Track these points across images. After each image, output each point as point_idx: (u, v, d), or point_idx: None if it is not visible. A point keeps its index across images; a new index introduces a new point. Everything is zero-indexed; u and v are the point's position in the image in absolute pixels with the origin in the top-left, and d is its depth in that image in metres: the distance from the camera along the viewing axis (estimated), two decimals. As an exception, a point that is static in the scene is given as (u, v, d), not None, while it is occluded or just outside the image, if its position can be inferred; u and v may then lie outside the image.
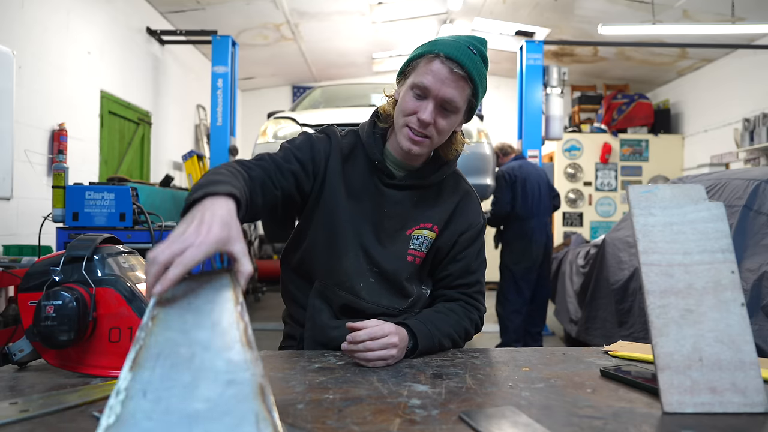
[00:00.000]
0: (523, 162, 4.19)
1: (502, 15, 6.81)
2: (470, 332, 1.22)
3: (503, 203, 3.99)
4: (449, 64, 1.08)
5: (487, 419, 0.70)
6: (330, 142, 1.23)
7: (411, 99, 1.12)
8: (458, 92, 1.10)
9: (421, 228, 1.21)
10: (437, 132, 1.13)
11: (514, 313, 4.01)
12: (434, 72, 1.09)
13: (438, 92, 1.09)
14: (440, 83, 1.09)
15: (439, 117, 1.11)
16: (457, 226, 1.23)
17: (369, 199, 1.21)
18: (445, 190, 1.25)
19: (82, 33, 4.57)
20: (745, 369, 0.76)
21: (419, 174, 1.22)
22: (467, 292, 1.24)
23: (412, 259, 1.21)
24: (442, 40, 1.12)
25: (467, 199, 1.26)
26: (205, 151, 6.99)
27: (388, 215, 1.21)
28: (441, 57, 1.09)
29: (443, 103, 1.10)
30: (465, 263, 1.24)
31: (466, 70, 1.09)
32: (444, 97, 1.09)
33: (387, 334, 1.01)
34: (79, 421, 0.71)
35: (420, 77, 1.10)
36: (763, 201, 2.60)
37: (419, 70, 1.11)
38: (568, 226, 7.66)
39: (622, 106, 8.00)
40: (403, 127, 1.14)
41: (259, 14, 6.39)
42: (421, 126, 1.11)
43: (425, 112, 1.10)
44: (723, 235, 0.81)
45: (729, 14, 5.44)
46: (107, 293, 0.94)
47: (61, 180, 2.66)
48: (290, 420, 0.71)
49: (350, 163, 1.22)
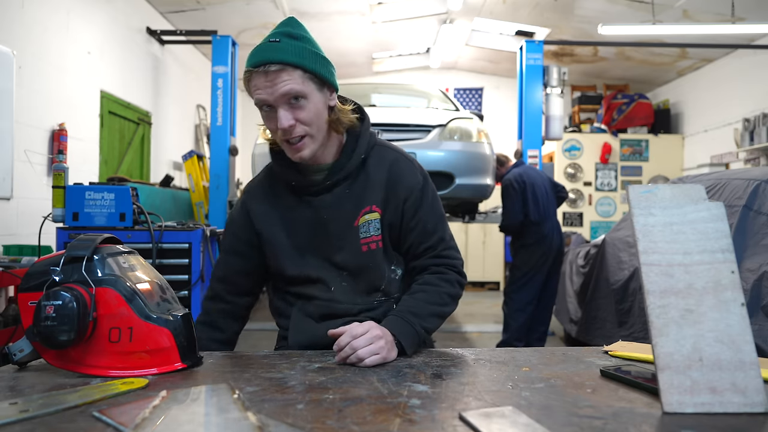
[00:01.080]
0: (524, 167, 4.18)
1: (502, 15, 6.80)
2: (454, 293, 1.22)
3: (515, 213, 3.94)
4: (261, 70, 1.09)
5: (487, 419, 0.70)
6: (245, 203, 1.30)
7: (266, 117, 1.15)
8: (290, 83, 1.09)
9: (363, 214, 1.22)
10: (306, 124, 1.13)
11: (518, 311, 4.00)
12: (257, 86, 1.10)
13: (273, 97, 1.10)
14: (269, 90, 1.09)
15: (297, 111, 1.11)
16: (397, 197, 1.23)
17: (306, 216, 1.24)
18: (372, 167, 1.24)
19: (82, 33, 4.57)
20: (745, 369, 0.76)
21: (338, 166, 1.22)
22: (435, 254, 1.24)
23: (367, 249, 1.22)
24: (252, 52, 1.12)
25: (396, 167, 1.25)
26: (205, 151, 6.99)
27: (329, 220, 1.22)
28: (251, 71, 1.10)
29: (287, 99, 1.10)
30: (420, 228, 1.24)
31: (278, 61, 1.08)
32: (280, 96, 1.09)
33: (368, 329, 1.04)
34: (79, 421, 0.71)
35: (254, 96, 1.12)
36: (763, 201, 2.60)
37: (251, 90, 1.13)
38: (568, 226, 7.66)
39: (622, 106, 7.99)
40: (282, 142, 1.16)
41: (259, 14, 6.39)
42: (288, 134, 1.12)
43: (281, 120, 1.10)
44: (723, 235, 0.81)
45: (729, 14, 5.43)
46: (107, 293, 0.94)
47: (61, 180, 2.66)
48: (290, 420, 0.71)
49: (273, 197, 1.27)
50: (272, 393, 0.83)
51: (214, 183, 5.08)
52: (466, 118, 4.11)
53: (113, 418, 0.70)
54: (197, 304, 2.72)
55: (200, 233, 2.76)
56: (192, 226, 2.81)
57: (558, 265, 4.09)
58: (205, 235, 2.80)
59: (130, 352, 0.94)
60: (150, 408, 0.74)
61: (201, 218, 4.92)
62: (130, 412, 0.73)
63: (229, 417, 0.72)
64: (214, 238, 2.94)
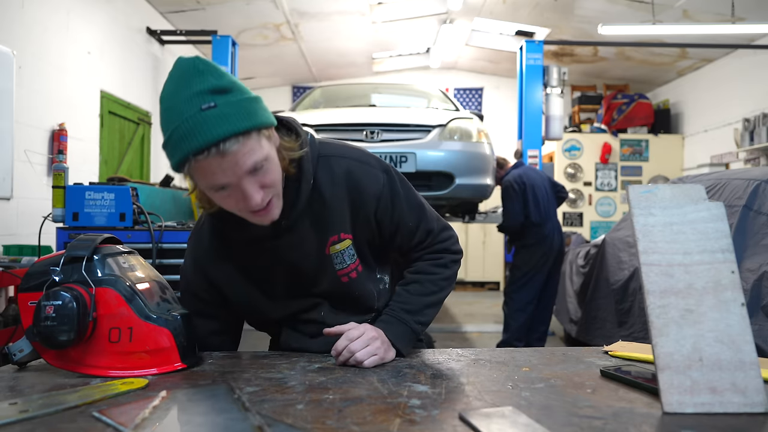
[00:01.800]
0: (524, 168, 4.19)
1: (502, 15, 6.81)
2: (449, 274, 1.19)
3: (516, 214, 3.95)
4: (215, 153, 0.86)
5: (487, 419, 0.70)
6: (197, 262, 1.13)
7: (224, 198, 0.94)
8: (251, 155, 0.90)
9: (331, 244, 1.12)
10: (272, 187, 0.96)
11: (518, 311, 4.00)
12: (211, 170, 0.89)
13: (236, 176, 0.90)
14: (230, 171, 0.89)
15: (262, 178, 0.93)
16: (366, 210, 1.11)
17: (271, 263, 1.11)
18: (325, 188, 1.09)
19: (82, 33, 4.57)
20: (745, 369, 0.76)
21: (290, 205, 1.05)
22: (426, 245, 1.19)
23: (347, 279, 1.14)
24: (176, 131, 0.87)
25: (353, 178, 1.10)
26: (205, 151, 6.99)
27: (297, 259, 1.11)
28: (200, 155, 0.87)
29: (251, 174, 0.92)
30: (402, 229, 1.16)
31: (230, 135, 0.87)
32: (245, 172, 0.90)
33: (364, 331, 1.03)
34: (79, 421, 0.71)
35: (205, 181, 0.92)
36: (763, 201, 2.60)
37: (197, 177, 0.92)
38: (568, 226, 7.66)
39: (622, 106, 7.99)
40: (246, 215, 0.98)
41: (259, 14, 6.39)
42: (256, 207, 0.94)
43: (253, 198, 0.93)
44: (723, 235, 0.81)
45: (729, 14, 5.43)
46: (107, 293, 0.94)
47: (61, 180, 2.66)
48: (290, 420, 0.71)
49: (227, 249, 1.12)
50: (272, 393, 0.83)
51: (214, 183, 5.08)
52: (466, 118, 4.11)
53: (113, 418, 0.70)
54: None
55: (200, 233, 2.75)
56: (192, 226, 2.80)
57: (558, 265, 4.09)
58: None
59: (130, 352, 0.94)
60: (150, 408, 0.74)
61: (201, 218, 4.91)
62: (130, 412, 0.73)
63: (229, 417, 0.72)
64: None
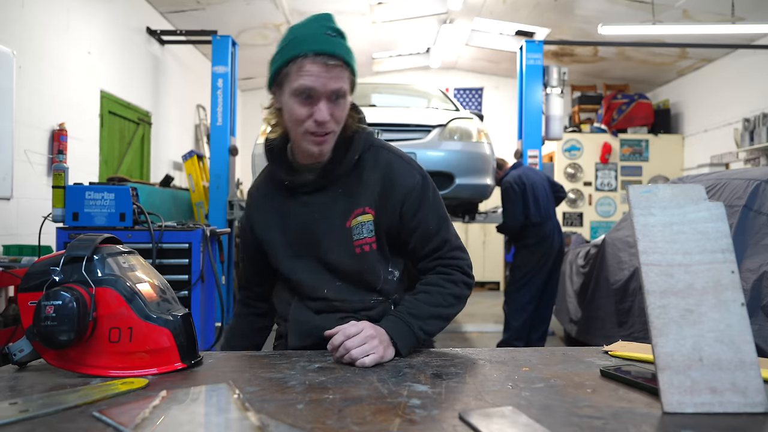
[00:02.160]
0: (523, 169, 4.19)
1: (502, 15, 6.81)
2: (459, 293, 1.19)
3: (516, 215, 3.95)
4: (321, 59, 1.08)
5: (487, 419, 0.70)
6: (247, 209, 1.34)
7: (299, 105, 1.11)
8: (341, 80, 1.10)
9: (355, 216, 1.20)
10: (336, 123, 1.14)
11: (518, 311, 4.01)
12: (310, 72, 1.08)
13: (324, 89, 1.09)
14: (323, 80, 1.08)
15: (334, 108, 1.12)
16: (394, 199, 1.20)
17: (299, 215, 1.23)
18: (366, 169, 1.22)
19: (82, 33, 4.57)
20: (745, 369, 0.76)
21: (330, 168, 1.20)
22: (440, 255, 1.21)
23: (360, 251, 1.20)
24: (301, 36, 1.11)
25: (392, 169, 1.22)
26: (205, 151, 6.99)
27: (320, 219, 1.21)
28: (310, 56, 1.08)
29: (332, 95, 1.10)
30: (423, 229, 1.21)
31: (338, 57, 1.09)
32: (331, 90, 1.09)
33: (362, 328, 1.04)
34: (79, 421, 0.71)
35: (299, 81, 1.09)
36: (763, 201, 2.60)
37: (294, 76, 1.10)
38: (568, 226, 7.66)
39: (622, 106, 7.99)
40: (305, 134, 1.13)
41: (259, 14, 6.39)
42: (320, 127, 1.11)
43: (320, 112, 1.10)
44: (723, 235, 0.81)
45: (729, 14, 5.43)
46: (107, 293, 0.94)
47: (61, 180, 2.66)
48: (290, 420, 0.71)
49: (269, 199, 1.28)
50: (272, 393, 0.83)
51: (214, 183, 5.08)
52: (466, 118, 4.11)
53: (113, 418, 0.70)
54: (197, 304, 2.72)
55: (200, 233, 2.76)
56: (192, 226, 2.81)
57: (558, 264, 4.09)
58: (205, 235, 2.79)
59: (130, 352, 0.94)
60: (150, 408, 0.74)
61: (201, 218, 4.92)
62: (130, 412, 0.73)
63: (229, 417, 0.72)
64: (214, 238, 2.94)
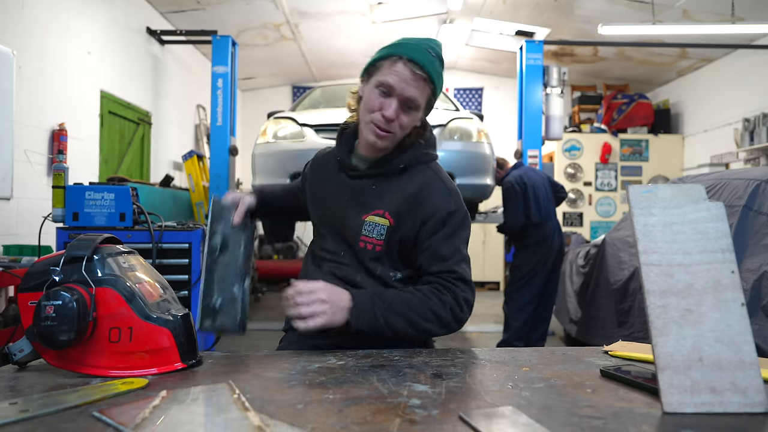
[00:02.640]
0: (524, 169, 4.19)
1: (502, 15, 6.80)
2: (441, 315, 1.16)
3: (517, 215, 3.94)
4: (411, 66, 1.18)
5: (487, 419, 0.70)
6: (311, 162, 1.46)
7: (376, 96, 1.21)
8: (419, 92, 1.20)
9: (373, 215, 1.25)
10: (400, 128, 1.22)
11: (518, 311, 4.01)
12: (398, 72, 1.18)
13: (402, 92, 1.18)
14: (404, 83, 1.18)
15: (402, 114, 1.20)
16: (418, 214, 1.23)
17: (335, 191, 1.33)
18: (404, 180, 1.27)
19: (82, 33, 4.57)
20: (745, 369, 0.76)
21: (380, 162, 1.29)
22: (442, 278, 1.20)
23: (363, 245, 1.24)
24: (405, 43, 1.22)
25: (431, 188, 1.26)
26: (205, 151, 6.99)
27: (349, 202, 1.29)
28: (404, 59, 1.18)
29: (406, 101, 1.20)
30: (432, 251, 1.21)
31: (427, 72, 1.19)
32: (407, 96, 1.19)
33: (313, 290, 1.10)
34: (79, 421, 0.71)
35: (385, 76, 1.19)
36: (763, 201, 2.60)
37: (384, 70, 1.20)
38: (568, 226, 7.66)
39: (622, 106, 7.99)
40: (369, 123, 1.22)
41: (259, 14, 6.39)
42: (385, 122, 1.20)
43: (389, 109, 1.19)
44: (723, 235, 0.81)
45: (729, 14, 5.43)
46: (107, 293, 0.94)
47: (61, 180, 2.66)
48: (290, 420, 0.71)
49: (324, 168, 1.39)
50: (272, 393, 0.83)
51: (214, 183, 5.09)
52: (466, 118, 4.11)
53: (113, 418, 0.70)
54: (197, 304, 2.72)
55: (200, 233, 2.76)
56: (192, 226, 2.81)
57: (558, 264, 4.09)
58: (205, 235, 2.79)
59: (130, 352, 0.94)
60: (150, 408, 0.74)
61: (201, 218, 4.92)
62: (130, 412, 0.73)
63: (229, 417, 0.72)
64: (214, 238, 2.94)
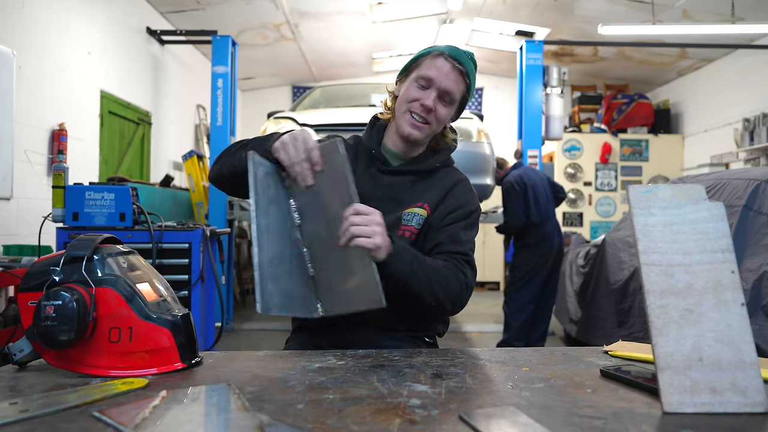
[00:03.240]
0: (524, 169, 4.19)
1: (502, 15, 6.80)
2: (455, 291, 1.20)
3: (518, 215, 3.95)
4: (452, 61, 1.26)
5: (487, 419, 0.70)
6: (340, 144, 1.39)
7: (415, 89, 1.28)
8: (457, 86, 1.28)
9: (413, 207, 1.30)
10: (436, 120, 1.29)
11: (518, 311, 4.01)
12: (438, 66, 1.26)
13: (441, 83, 1.26)
14: (443, 75, 1.26)
15: (439, 106, 1.27)
16: (448, 206, 1.32)
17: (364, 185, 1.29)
18: (439, 177, 1.36)
19: (82, 33, 4.57)
20: (745, 369, 0.76)
21: (414, 161, 1.35)
22: (454, 257, 1.25)
23: (401, 233, 1.28)
24: (443, 46, 1.30)
25: (460, 185, 1.36)
26: (205, 151, 6.99)
27: (379, 198, 1.29)
28: (445, 55, 1.27)
29: (444, 94, 1.27)
30: (452, 233, 1.28)
31: (465, 68, 1.28)
32: (446, 88, 1.26)
33: (371, 213, 1.06)
34: (79, 421, 0.71)
35: (425, 70, 1.27)
36: (763, 201, 2.60)
37: (424, 66, 1.28)
38: (568, 226, 7.66)
39: (622, 106, 7.99)
40: (405, 113, 1.28)
41: (259, 14, 6.39)
42: (423, 111, 1.26)
43: (429, 98, 1.25)
44: (723, 235, 0.81)
45: (729, 14, 5.43)
46: (107, 293, 0.94)
47: (61, 180, 2.66)
48: (290, 420, 0.71)
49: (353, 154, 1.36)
50: (272, 393, 0.83)
51: (214, 183, 5.08)
52: (466, 118, 4.11)
53: (113, 418, 0.70)
54: (197, 304, 2.72)
55: (200, 233, 2.76)
56: (192, 226, 2.81)
57: (558, 264, 4.09)
58: (205, 235, 2.79)
59: (130, 352, 0.94)
60: (150, 408, 0.74)
61: (201, 218, 4.92)
62: (130, 412, 0.73)
63: (229, 417, 0.72)
64: (214, 238, 2.94)
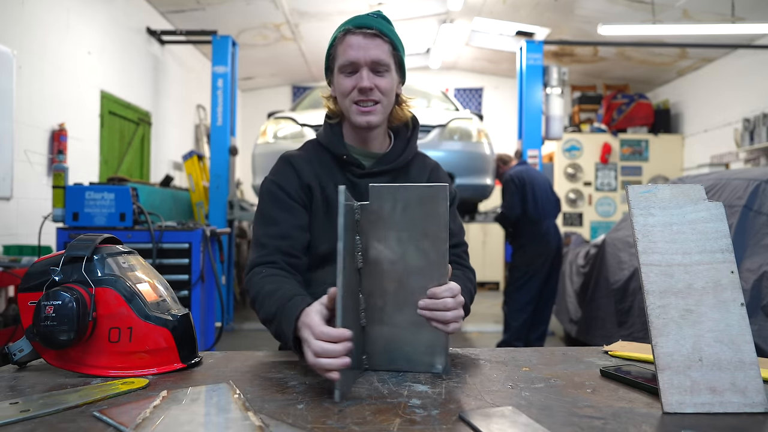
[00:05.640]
0: (527, 167, 4.21)
1: (502, 15, 6.80)
2: (474, 292, 1.24)
3: (514, 206, 3.97)
4: (360, 32, 1.18)
5: (487, 419, 0.70)
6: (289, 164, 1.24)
7: (344, 79, 1.19)
8: (380, 50, 1.18)
9: None
10: (381, 93, 1.19)
11: (518, 311, 4.02)
12: (351, 44, 1.18)
13: (364, 58, 1.17)
14: (362, 50, 1.17)
15: (377, 79, 1.18)
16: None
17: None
18: (414, 169, 1.31)
19: (82, 33, 4.57)
20: (745, 369, 0.76)
21: (387, 159, 1.27)
22: (455, 253, 1.25)
23: None
24: (346, 22, 1.23)
25: (437, 173, 1.33)
26: (205, 151, 6.99)
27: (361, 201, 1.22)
28: (350, 29, 1.19)
29: (373, 65, 1.18)
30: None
31: (376, 29, 1.18)
32: (371, 59, 1.17)
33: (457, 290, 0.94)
34: (79, 421, 0.71)
35: (342, 56, 1.19)
36: (763, 201, 2.60)
37: (339, 52, 1.20)
38: (568, 226, 7.66)
39: (622, 106, 7.99)
40: (351, 105, 1.20)
41: (259, 14, 6.39)
42: (363, 94, 1.17)
43: (362, 80, 1.17)
44: (723, 235, 0.81)
45: (729, 14, 5.43)
46: (107, 293, 0.94)
47: (61, 180, 2.66)
48: (290, 420, 0.71)
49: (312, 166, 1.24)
50: (272, 393, 0.83)
51: (214, 183, 5.09)
52: (465, 118, 4.11)
53: (113, 418, 0.70)
54: (197, 304, 2.72)
55: (200, 233, 2.76)
56: (192, 226, 2.81)
57: (557, 264, 4.09)
58: (205, 235, 2.79)
59: (130, 352, 0.94)
60: (150, 408, 0.74)
61: (201, 218, 4.92)
62: (130, 412, 0.73)
63: (229, 417, 0.72)
64: (214, 238, 2.94)
